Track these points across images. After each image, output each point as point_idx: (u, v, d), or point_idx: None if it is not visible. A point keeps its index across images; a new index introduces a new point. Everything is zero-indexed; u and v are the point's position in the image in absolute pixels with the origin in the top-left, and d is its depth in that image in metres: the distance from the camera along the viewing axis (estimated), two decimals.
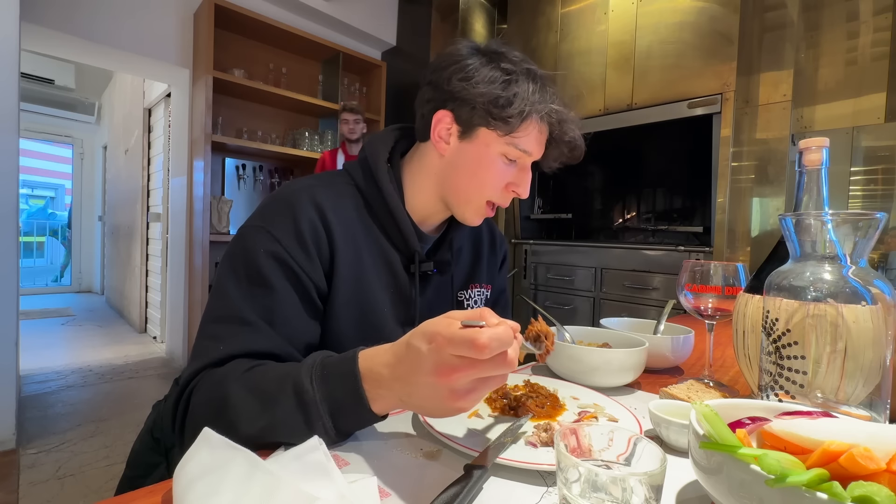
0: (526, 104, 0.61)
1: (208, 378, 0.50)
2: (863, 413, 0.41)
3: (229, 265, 0.57)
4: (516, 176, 0.66)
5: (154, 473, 0.64)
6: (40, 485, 1.61)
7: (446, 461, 0.43)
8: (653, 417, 0.49)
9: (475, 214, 0.68)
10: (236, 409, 0.45)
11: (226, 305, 0.54)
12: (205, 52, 2.55)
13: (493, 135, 0.63)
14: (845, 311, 0.41)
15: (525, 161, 0.66)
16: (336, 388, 0.43)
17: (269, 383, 0.46)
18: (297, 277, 0.57)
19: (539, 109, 0.62)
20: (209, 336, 0.53)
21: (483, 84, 0.61)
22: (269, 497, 0.30)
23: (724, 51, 2.07)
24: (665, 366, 0.78)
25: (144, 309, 3.95)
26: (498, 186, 0.66)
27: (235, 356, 0.51)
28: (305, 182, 0.65)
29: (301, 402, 0.43)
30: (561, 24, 2.71)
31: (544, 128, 0.65)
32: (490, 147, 0.63)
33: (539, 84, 0.63)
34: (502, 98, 0.60)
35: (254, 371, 0.48)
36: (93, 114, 5.83)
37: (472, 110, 0.62)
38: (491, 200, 0.67)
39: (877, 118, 2.08)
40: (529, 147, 0.64)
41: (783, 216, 0.46)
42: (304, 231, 0.58)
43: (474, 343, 0.35)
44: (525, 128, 0.62)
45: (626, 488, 0.30)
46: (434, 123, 0.65)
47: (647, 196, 2.75)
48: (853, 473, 0.27)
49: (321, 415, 0.43)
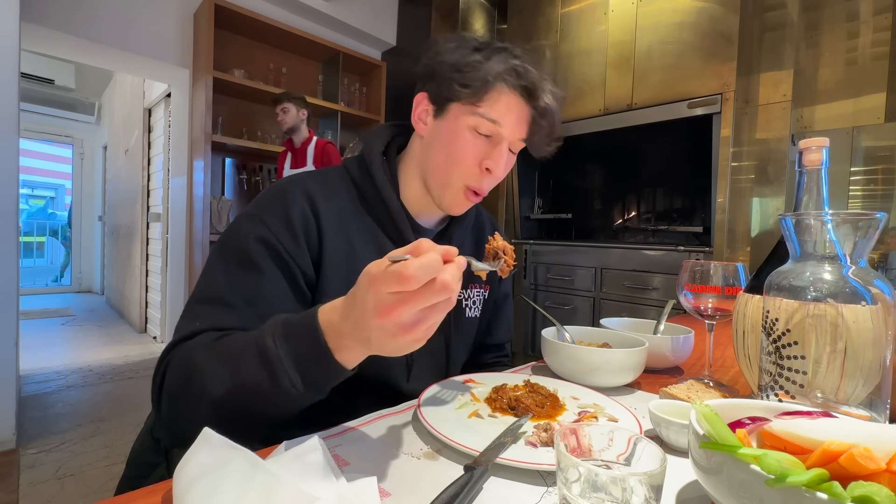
0: (490, 71, 0.60)
1: (178, 351, 0.51)
2: (863, 413, 0.41)
3: (219, 250, 0.59)
4: (490, 152, 0.63)
5: (154, 473, 0.64)
6: (40, 485, 1.61)
7: (446, 461, 0.43)
8: (653, 417, 0.49)
9: (453, 200, 0.66)
10: (203, 373, 0.46)
11: (210, 287, 0.56)
12: (205, 52, 2.55)
13: (462, 108, 0.62)
14: (845, 311, 0.41)
15: (499, 134, 0.63)
16: (298, 343, 0.43)
17: (234, 347, 0.47)
18: (284, 261, 0.58)
19: (505, 76, 0.60)
20: (190, 315, 0.55)
21: (448, 54, 0.62)
22: (269, 497, 0.30)
23: (724, 51, 2.07)
24: (665, 366, 0.78)
25: (144, 309, 3.95)
26: (470, 163, 0.63)
27: (206, 331, 0.52)
28: (301, 175, 0.67)
29: (265, 359, 0.44)
30: (561, 24, 2.71)
31: (518, 99, 0.62)
32: (459, 120, 0.62)
33: (510, 54, 0.62)
34: (464, 64, 0.60)
35: (221, 339, 0.49)
36: (93, 114, 5.82)
37: (440, 84, 0.63)
38: (468, 184, 0.65)
39: (877, 118, 2.08)
40: (498, 116, 0.61)
41: (783, 216, 0.46)
42: (293, 218, 0.59)
43: (401, 276, 0.35)
44: (492, 97, 0.61)
45: (626, 488, 0.30)
46: (414, 107, 0.67)
47: (647, 196, 2.75)
48: (853, 473, 0.27)
49: (286, 369, 0.43)
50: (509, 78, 0.61)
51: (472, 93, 0.60)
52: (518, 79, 0.61)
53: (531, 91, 0.62)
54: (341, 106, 3.16)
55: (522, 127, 0.64)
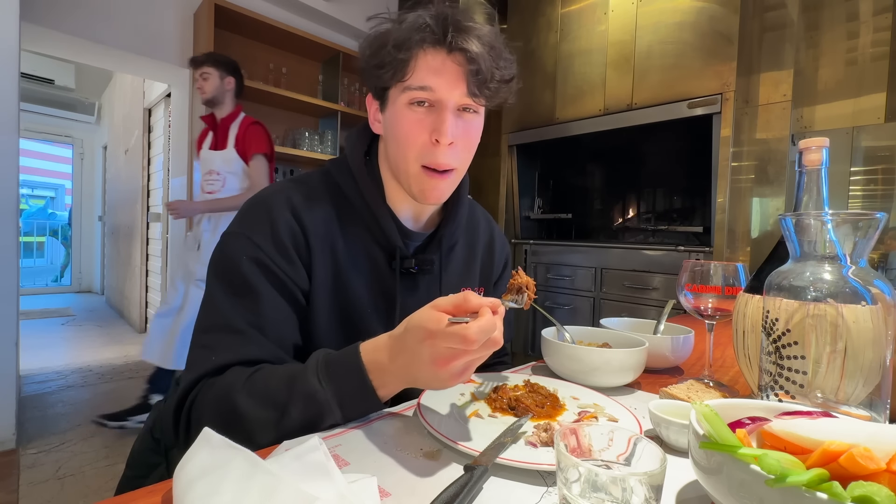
0: (401, 40, 0.56)
1: (209, 390, 0.51)
2: (863, 413, 0.41)
3: (214, 274, 0.59)
4: (434, 122, 0.58)
5: (154, 473, 0.64)
6: (40, 485, 1.61)
7: (446, 461, 0.43)
8: (653, 417, 0.49)
9: (420, 185, 0.62)
10: (250, 420, 0.47)
11: (214, 315, 0.56)
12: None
13: (395, 90, 0.60)
14: (845, 311, 0.41)
15: (436, 100, 0.58)
16: (345, 384, 0.47)
17: (277, 390, 0.48)
18: (282, 282, 0.58)
19: (417, 38, 0.56)
20: (201, 346, 0.55)
21: (366, 45, 0.60)
22: (269, 497, 0.30)
23: (724, 51, 2.07)
24: (665, 366, 0.78)
25: (144, 309, 3.95)
26: (418, 139, 0.59)
27: (229, 365, 0.53)
28: (283, 184, 0.65)
29: (314, 401, 0.47)
30: (561, 24, 2.71)
31: (441, 55, 0.57)
32: (396, 105, 0.60)
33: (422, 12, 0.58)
34: (378, 46, 0.58)
35: (255, 378, 0.50)
36: (93, 114, 5.82)
37: (370, 78, 0.61)
38: (424, 163, 0.60)
39: (877, 118, 2.08)
40: (425, 80, 0.57)
41: (783, 216, 0.46)
42: (282, 235, 0.59)
43: (465, 339, 0.41)
44: (414, 65, 0.57)
45: (626, 488, 0.30)
46: (368, 110, 0.67)
47: (646, 196, 2.75)
48: (853, 473, 0.27)
49: (332, 409, 0.47)
50: (424, 38, 0.56)
51: (394, 70, 0.57)
52: (432, 34, 0.56)
53: (450, 41, 0.56)
54: (341, 106, 3.16)
55: (460, 82, 0.57)
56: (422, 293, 0.70)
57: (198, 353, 0.54)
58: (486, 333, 0.41)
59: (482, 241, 0.82)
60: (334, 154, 3.17)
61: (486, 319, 0.41)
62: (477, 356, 0.44)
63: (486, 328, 0.41)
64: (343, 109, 3.17)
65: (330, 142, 3.19)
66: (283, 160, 3.20)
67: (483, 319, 0.41)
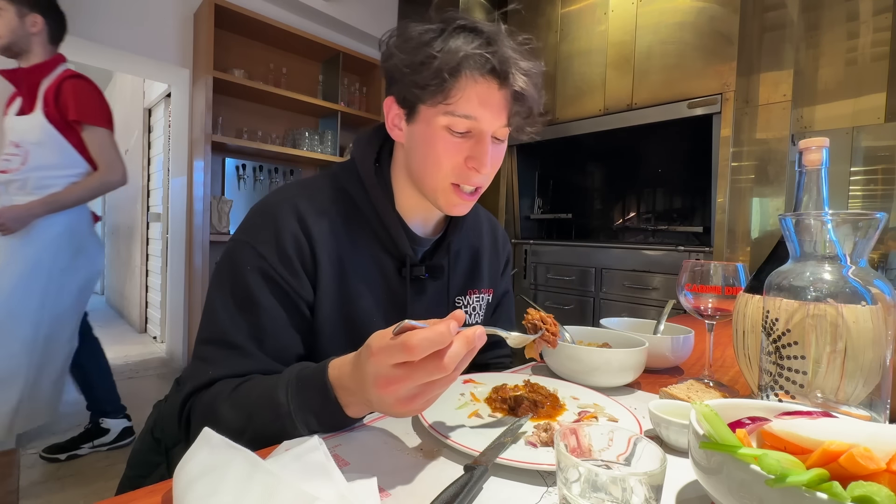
0: (448, 63, 0.53)
1: (199, 402, 0.53)
2: (863, 413, 0.41)
3: (217, 283, 0.58)
4: (472, 148, 0.58)
5: (154, 473, 0.64)
6: (40, 485, 1.61)
7: (446, 461, 0.43)
8: (653, 417, 0.49)
9: (448, 201, 0.61)
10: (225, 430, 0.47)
11: (214, 327, 0.56)
12: (205, 52, 2.55)
13: (431, 109, 0.57)
14: (845, 311, 0.41)
15: (477, 129, 0.57)
16: (310, 399, 0.46)
17: (251, 399, 0.49)
18: (286, 293, 0.58)
19: (467, 64, 0.53)
20: (200, 358, 0.56)
21: (400, 54, 0.56)
22: (269, 497, 0.30)
23: (724, 51, 2.07)
24: (665, 366, 0.78)
25: (144, 309, 3.95)
26: (453, 164, 0.58)
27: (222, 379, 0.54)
28: (290, 191, 0.64)
29: (277, 414, 0.46)
30: (561, 24, 2.71)
31: (489, 85, 0.55)
32: (431, 123, 0.57)
33: (469, 34, 0.55)
34: (418, 63, 0.54)
35: (239, 389, 0.51)
36: None
37: (402, 88, 0.58)
38: (458, 183, 0.60)
39: (877, 118, 2.08)
40: (470, 110, 0.55)
41: (783, 216, 0.46)
42: (286, 245, 0.58)
43: (405, 346, 0.36)
44: (459, 90, 0.54)
45: (626, 488, 0.30)
46: (385, 113, 0.62)
47: (647, 196, 2.75)
48: (853, 473, 0.27)
49: (296, 425, 0.46)
50: (473, 65, 0.54)
51: (435, 91, 0.55)
52: (484, 63, 0.54)
53: (502, 75, 0.55)
54: (341, 106, 3.16)
55: (501, 114, 0.57)
56: (430, 298, 0.71)
57: (196, 364, 0.56)
58: (430, 343, 0.35)
59: (486, 242, 0.82)
60: (334, 154, 3.18)
61: (436, 330, 0.36)
62: (424, 380, 0.37)
63: (432, 338, 0.35)
64: (343, 109, 3.17)
65: (330, 142, 3.18)
66: (283, 160, 3.20)
67: (432, 329, 0.36)
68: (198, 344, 0.57)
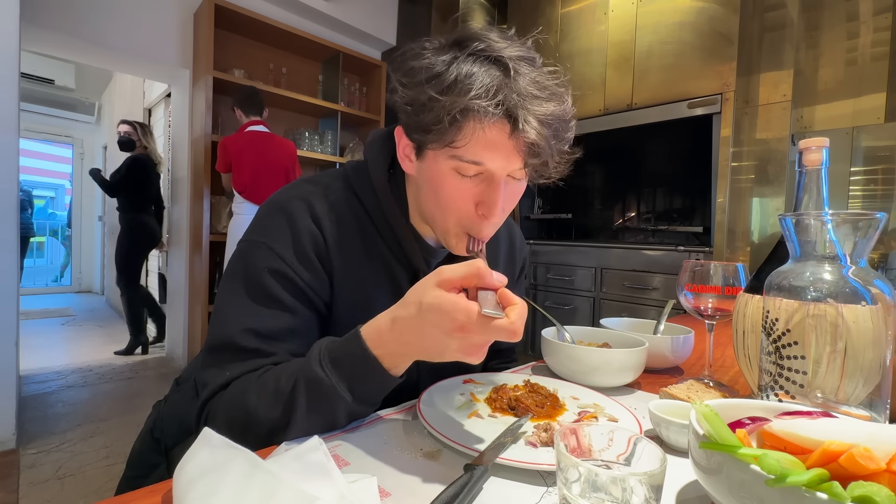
0: (453, 106, 0.47)
1: (220, 401, 0.51)
2: (863, 413, 0.41)
3: (231, 285, 0.55)
4: (483, 193, 0.53)
5: (154, 473, 0.64)
6: (40, 485, 1.61)
7: (446, 461, 0.43)
8: (653, 417, 0.49)
9: (455, 244, 0.57)
10: (261, 421, 0.46)
11: (227, 331, 0.53)
12: (205, 53, 2.55)
13: (438, 151, 0.52)
14: (845, 311, 0.41)
15: (488, 173, 0.52)
16: (349, 365, 0.46)
17: (281, 383, 0.47)
18: (305, 294, 0.56)
19: (473, 107, 0.47)
20: (215, 365, 0.53)
21: (403, 90, 0.52)
22: (269, 497, 0.30)
23: (724, 51, 2.07)
24: (665, 366, 0.78)
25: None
26: (462, 213, 0.54)
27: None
28: (302, 188, 0.61)
29: (319, 391, 0.46)
30: (561, 24, 2.71)
31: (500, 129, 0.49)
32: (438, 164, 0.52)
33: (479, 68, 0.48)
34: (420, 104, 0.50)
35: (263, 378, 0.49)
36: (93, 114, 5.82)
37: (407, 124, 0.54)
38: (468, 230, 0.55)
39: (877, 118, 2.08)
40: (478, 156, 0.49)
41: (783, 216, 0.46)
42: (304, 245, 0.56)
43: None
44: (466, 134, 0.49)
45: (626, 488, 0.30)
46: (397, 142, 0.58)
47: (646, 196, 2.75)
48: (853, 473, 0.27)
49: (341, 395, 0.46)
50: (480, 107, 0.47)
51: (439, 136, 0.49)
52: (495, 108, 0.47)
53: (513, 122, 0.48)
54: (341, 106, 3.16)
55: (515, 158, 0.51)
56: None
57: (211, 371, 0.53)
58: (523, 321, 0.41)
59: (503, 251, 0.79)
60: (334, 154, 3.18)
61: (522, 308, 0.41)
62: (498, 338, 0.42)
63: (524, 314, 0.41)
64: (343, 109, 3.17)
65: (330, 142, 3.19)
66: None
67: (520, 306, 0.41)
68: (210, 350, 0.54)
